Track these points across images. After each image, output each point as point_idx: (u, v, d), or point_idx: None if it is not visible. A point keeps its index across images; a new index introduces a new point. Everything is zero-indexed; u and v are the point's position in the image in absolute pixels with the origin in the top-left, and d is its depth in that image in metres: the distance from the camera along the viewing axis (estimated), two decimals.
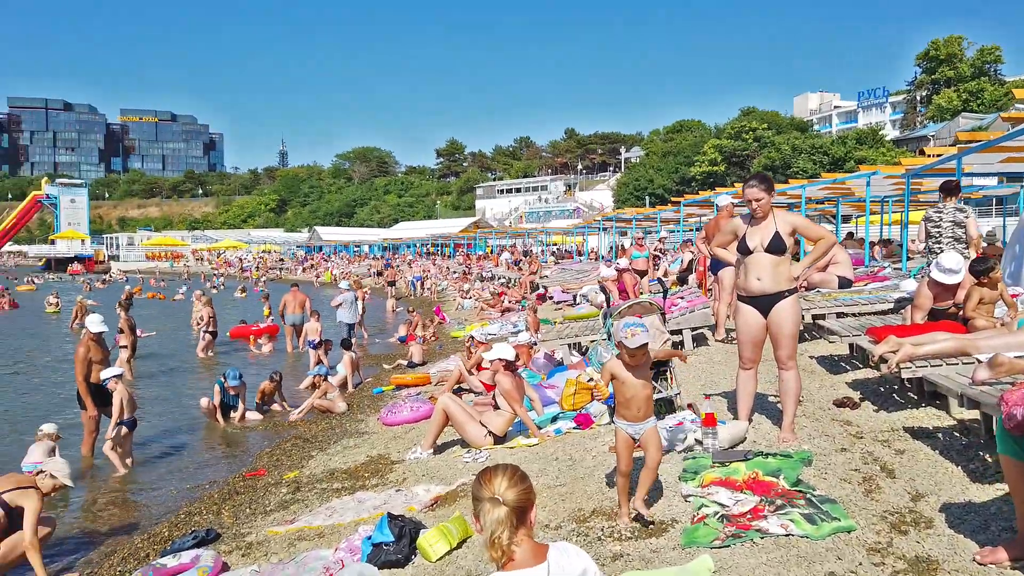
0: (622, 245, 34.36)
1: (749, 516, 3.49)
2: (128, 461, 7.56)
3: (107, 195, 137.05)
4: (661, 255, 19.33)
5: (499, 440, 6.22)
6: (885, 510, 3.51)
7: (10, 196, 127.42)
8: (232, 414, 9.51)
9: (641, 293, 12.65)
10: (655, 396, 5.40)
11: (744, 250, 4.70)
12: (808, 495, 3.64)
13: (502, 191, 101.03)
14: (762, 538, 3.28)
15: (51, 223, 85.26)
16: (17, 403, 10.94)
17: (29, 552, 4.85)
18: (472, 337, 9.65)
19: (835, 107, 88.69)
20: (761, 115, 73.09)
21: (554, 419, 6.48)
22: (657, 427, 3.86)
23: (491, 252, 47.10)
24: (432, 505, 4.94)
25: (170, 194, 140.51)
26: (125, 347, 12.59)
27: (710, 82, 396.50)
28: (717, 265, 8.72)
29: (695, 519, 3.59)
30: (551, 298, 20.68)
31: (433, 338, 16.74)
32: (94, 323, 8.29)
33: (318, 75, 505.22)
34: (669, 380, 5.48)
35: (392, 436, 7.74)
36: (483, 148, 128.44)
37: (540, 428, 6.25)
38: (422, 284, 35.67)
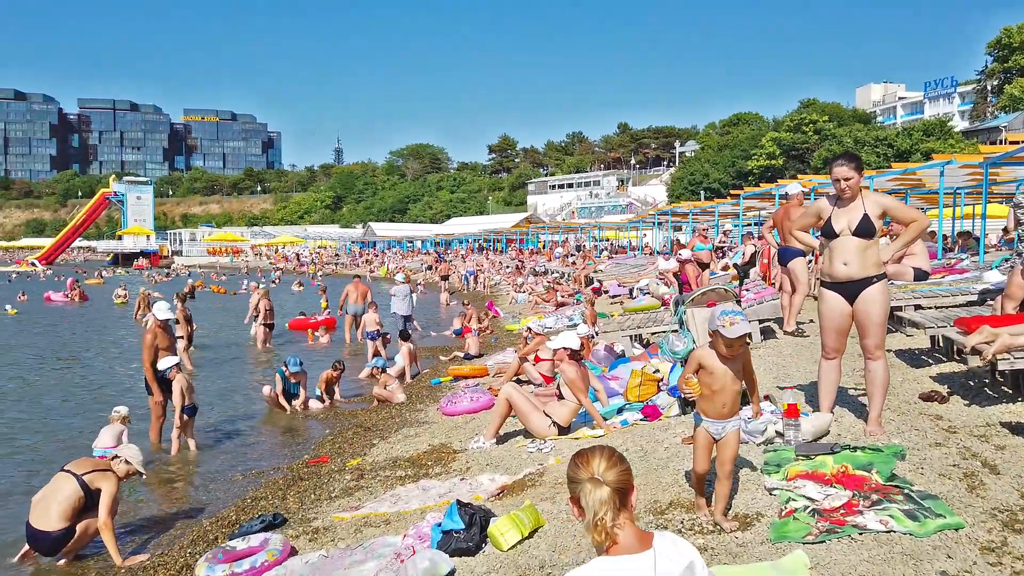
0: (677, 240, 33.84)
1: (843, 511, 3.28)
2: (192, 443, 7.70)
3: (170, 192, 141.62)
4: (726, 248, 18.88)
5: (563, 431, 6.08)
6: (994, 507, 3.26)
7: (80, 194, 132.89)
8: (294, 402, 9.59)
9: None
10: None
11: (829, 233, 4.45)
12: (906, 491, 3.40)
13: (554, 187, 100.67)
14: (860, 534, 3.07)
15: (118, 219, 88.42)
16: (86, 390, 11.27)
17: (103, 532, 4.94)
18: (529, 328, 9.53)
19: (900, 98, 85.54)
20: (822, 107, 71.05)
21: (620, 410, 6.31)
22: (740, 429, 3.63)
23: (543, 247, 46.98)
24: (499, 494, 4.84)
25: (230, 191, 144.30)
26: (181, 337, 12.85)
27: (768, 74, 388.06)
28: (786, 256, 8.39)
29: (783, 513, 3.39)
30: (606, 292, 20.50)
31: (488, 331, 16.71)
32: (161, 310, 8.44)
33: (372, 74, 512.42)
34: None
35: (453, 426, 7.69)
36: (535, 144, 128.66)
37: (605, 419, 6.09)
38: (475, 278, 35.76)
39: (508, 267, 37.98)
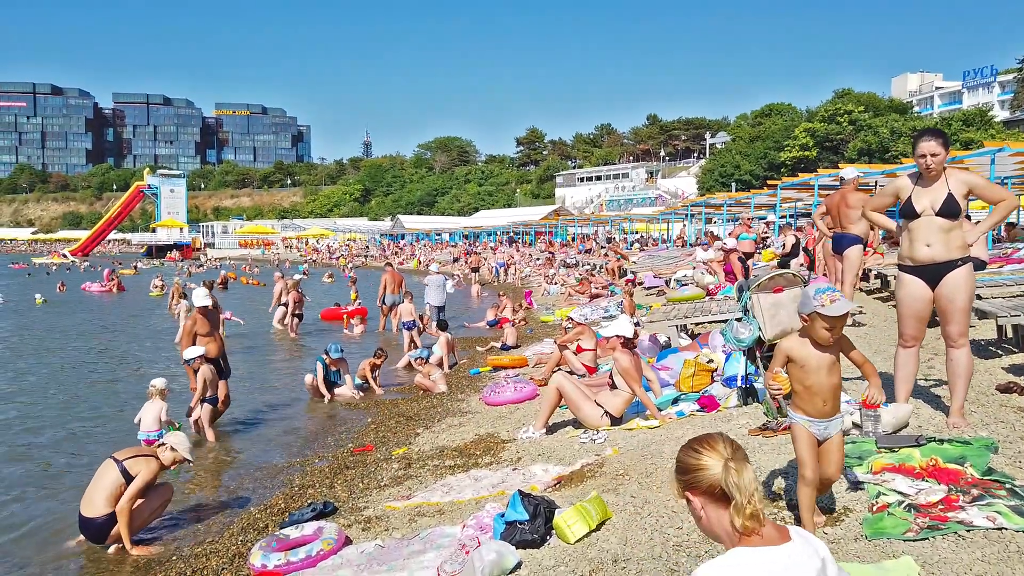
0: (711, 231, 33.35)
1: (942, 507, 3.06)
2: (211, 434, 7.63)
3: (202, 186, 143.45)
4: (768, 239, 18.53)
5: (615, 421, 5.90)
6: None
7: (115, 187, 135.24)
8: (336, 391, 9.53)
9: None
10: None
11: (910, 213, 4.20)
12: (1008, 485, 3.17)
13: (582, 179, 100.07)
14: (967, 531, 2.86)
15: (152, 212, 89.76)
16: (129, 378, 11.32)
17: (118, 515, 4.84)
18: (570, 318, 9.35)
19: (937, 88, 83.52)
20: (857, 96, 69.57)
21: (675, 401, 6.11)
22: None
23: (572, 240, 46.66)
24: (556, 485, 4.68)
25: (260, 184, 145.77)
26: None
27: (801, 64, 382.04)
28: (842, 243, 8.11)
29: (874, 508, 3.19)
30: (641, 283, 20.27)
31: (523, 323, 16.57)
32: (199, 297, 8.36)
33: (401, 67, 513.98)
34: None
35: (497, 416, 7.55)
36: (563, 136, 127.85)
37: (660, 410, 5.89)
38: (505, 270, 35.64)
39: (538, 259, 37.82)
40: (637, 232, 46.75)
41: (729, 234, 17.30)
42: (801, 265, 13.42)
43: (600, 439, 5.53)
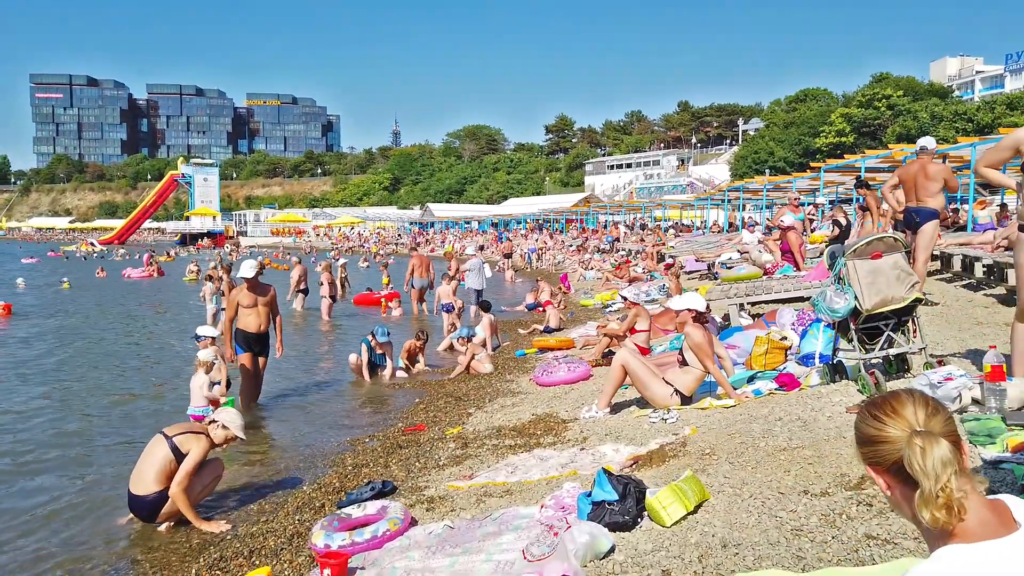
0: (750, 216, 32.64)
1: None
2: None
3: (234, 175, 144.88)
4: (815, 221, 17.96)
5: (685, 400, 5.56)
6: None
7: (149, 177, 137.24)
8: (380, 372, 9.30)
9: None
10: (892, 350, 4.59)
11: None
12: None
13: (612, 167, 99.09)
14: None
15: (186, 201, 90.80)
16: (176, 358, 11.23)
17: (175, 499, 4.64)
18: (624, 298, 8.97)
19: (977, 72, 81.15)
20: (895, 81, 67.80)
21: (750, 379, 5.74)
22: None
23: (604, 227, 46.16)
24: (631, 465, 4.36)
25: (291, 174, 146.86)
26: (223, 310, 12.73)
27: (836, 48, 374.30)
28: (916, 217, 7.63)
29: None
30: (682, 267, 19.91)
31: (562, 306, 16.27)
32: (246, 268, 8.10)
33: (429, 56, 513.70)
34: (911, 333, 4.61)
35: (552, 396, 7.24)
36: (593, 123, 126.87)
37: (735, 388, 5.53)
38: (538, 256, 35.31)
39: (571, 245, 37.43)
40: (670, 219, 46.08)
41: (758, 222, 16.72)
42: None
43: (672, 419, 5.18)
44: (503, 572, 3.13)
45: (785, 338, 6.25)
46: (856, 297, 4.38)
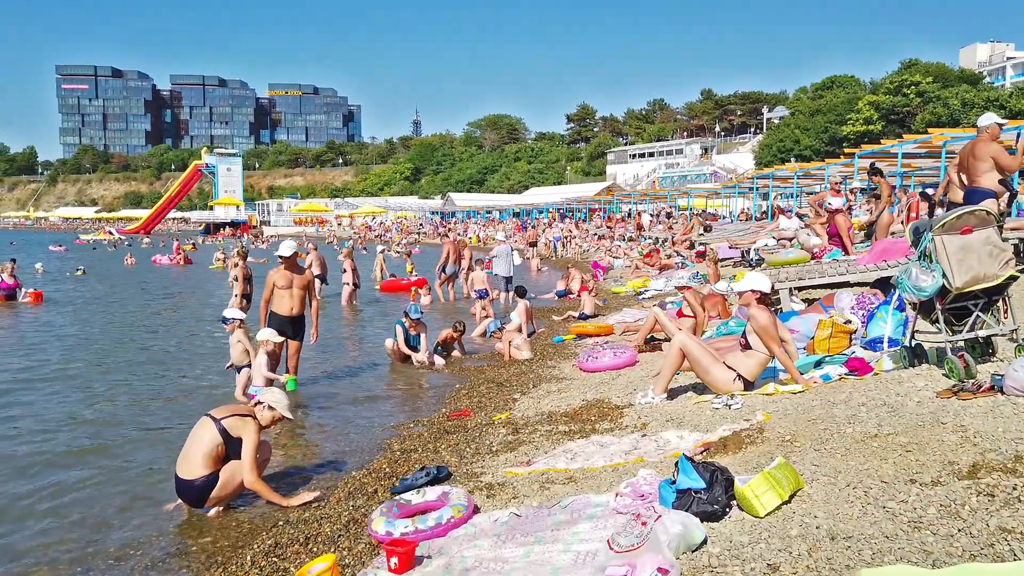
0: (778, 206, 32.10)
1: None
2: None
3: (257, 165, 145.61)
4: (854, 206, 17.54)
5: (748, 385, 5.31)
6: None
7: (173, 167, 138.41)
8: (415, 355, 9.13)
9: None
10: (980, 332, 4.31)
11: None
12: None
13: (634, 156, 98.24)
14: None
15: (209, 191, 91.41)
16: (209, 339, 11.16)
17: (255, 488, 4.54)
18: (682, 287, 8.72)
19: (1008, 58, 79.27)
20: (925, 67, 66.39)
21: (818, 364, 5.47)
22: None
23: (628, 216, 45.75)
24: (702, 452, 4.13)
25: (313, 164, 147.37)
26: (236, 296, 12.69)
27: (863, 35, 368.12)
28: (974, 198, 7.29)
29: None
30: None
31: (593, 294, 16.05)
32: (284, 247, 7.92)
33: (449, 45, 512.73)
34: (1001, 313, 4.32)
35: (598, 381, 7.02)
36: (614, 112, 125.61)
37: (801, 373, 5.27)
38: (563, 244, 35.03)
39: (595, 234, 37.11)
40: (695, 208, 45.55)
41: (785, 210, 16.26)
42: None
43: (736, 404, 4.94)
44: (585, 563, 2.92)
45: (849, 321, 5.97)
46: (944, 275, 4.10)
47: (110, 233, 61.47)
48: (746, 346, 5.31)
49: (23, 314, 14.48)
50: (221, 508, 4.55)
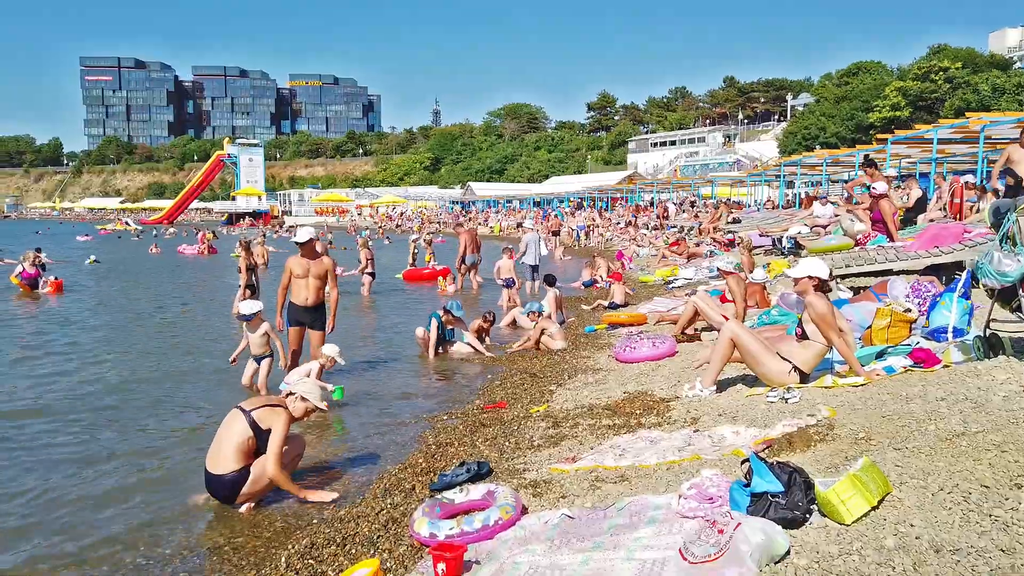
0: (807, 193, 31.48)
1: None
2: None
3: (278, 156, 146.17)
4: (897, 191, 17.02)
5: (804, 377, 5.01)
6: None
7: (195, 158, 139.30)
8: (447, 348, 8.91)
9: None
10: None
11: None
12: None
13: (656, 144, 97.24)
14: None
15: (231, 182, 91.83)
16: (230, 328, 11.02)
17: (276, 481, 4.33)
18: (719, 268, 8.38)
19: None
20: (953, 53, 64.88)
21: (879, 355, 5.16)
22: None
23: (651, 205, 45.25)
24: (764, 450, 3.85)
25: (333, 154, 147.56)
26: (241, 286, 12.54)
27: (890, 20, 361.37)
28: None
29: None
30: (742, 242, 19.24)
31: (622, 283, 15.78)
32: (300, 233, 7.55)
33: (469, 33, 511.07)
34: None
35: (638, 372, 6.75)
36: (636, 100, 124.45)
37: (862, 365, 4.96)
38: (586, 233, 34.68)
39: (618, 223, 36.71)
40: (719, 197, 44.94)
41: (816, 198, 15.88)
42: (945, 216, 12.09)
43: (794, 398, 4.65)
44: (653, 574, 2.66)
45: (909, 310, 5.64)
46: None
47: (127, 224, 61.88)
48: (802, 336, 5.00)
49: (44, 303, 14.45)
50: (252, 504, 4.35)
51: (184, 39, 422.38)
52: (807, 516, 2.82)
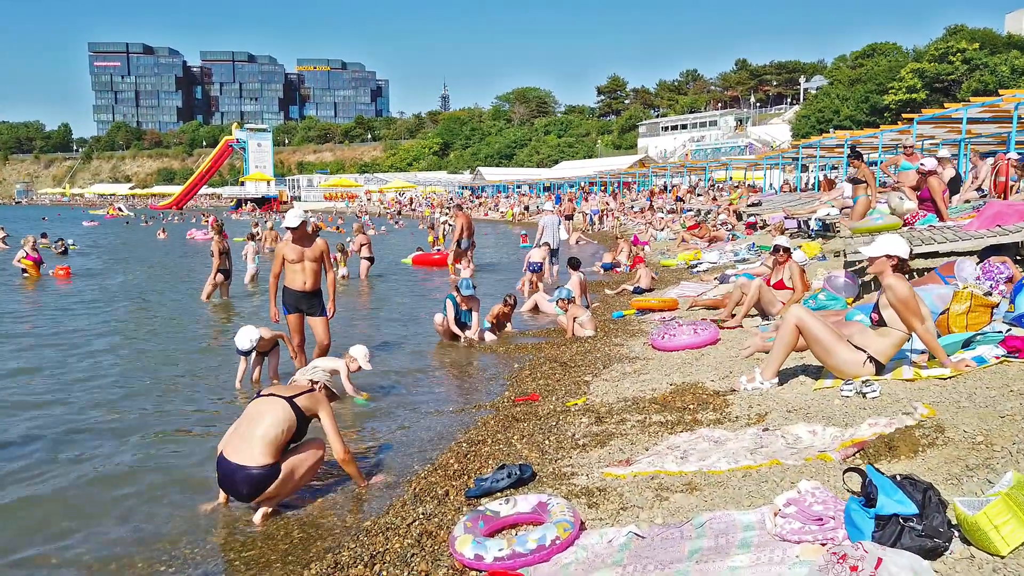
0: (826, 176, 30.72)
1: None
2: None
3: (286, 141, 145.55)
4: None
5: (879, 368, 4.47)
6: None
7: (204, 143, 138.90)
8: (467, 332, 8.41)
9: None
10: None
11: None
12: None
13: (666, 128, 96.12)
14: None
15: (240, 168, 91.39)
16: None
17: (347, 466, 4.14)
18: (777, 248, 7.75)
19: None
20: (971, 33, 63.57)
21: (966, 343, 4.62)
22: None
23: (665, 190, 44.59)
24: (854, 454, 3.33)
25: (342, 139, 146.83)
26: (212, 272, 12.12)
27: (904, 1, 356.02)
28: None
29: None
30: (765, 225, 18.71)
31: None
32: (290, 217, 6.92)
33: (477, 17, 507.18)
34: None
35: (681, 361, 6.22)
36: (646, 84, 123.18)
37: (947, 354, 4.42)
38: (600, 218, 34.07)
39: (632, 206, 36.09)
40: (733, 180, 44.18)
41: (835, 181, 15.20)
42: (983, 196, 11.47)
43: (873, 392, 4.12)
44: None
45: (989, 293, 5.10)
46: None
47: (119, 210, 61.50)
48: (879, 322, 4.46)
49: (47, 288, 14.05)
50: (268, 511, 3.87)
51: (192, 24, 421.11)
52: (948, 544, 2.30)
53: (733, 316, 7.55)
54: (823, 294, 7.29)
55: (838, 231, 13.73)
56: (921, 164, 9.20)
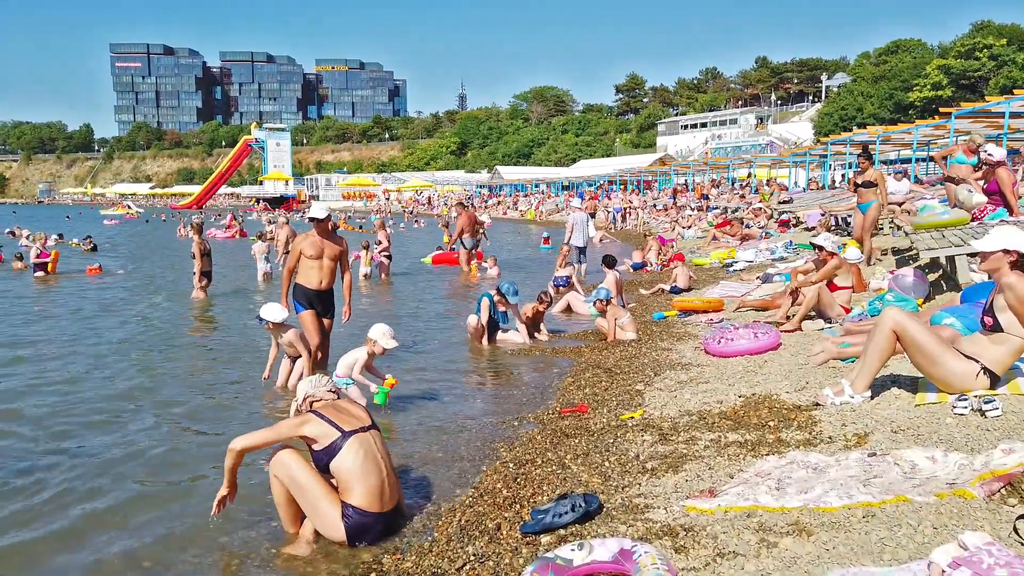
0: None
1: None
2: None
3: (304, 141, 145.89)
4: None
5: (994, 381, 3.86)
6: None
7: (223, 143, 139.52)
8: (512, 336, 7.85)
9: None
10: None
11: None
12: None
13: (686, 126, 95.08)
14: None
15: (259, 167, 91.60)
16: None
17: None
18: (820, 247, 7.16)
19: None
20: (998, 29, 62.18)
21: None
22: None
23: (686, 188, 43.85)
24: (998, 491, 2.74)
25: (360, 139, 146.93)
26: (195, 273, 11.75)
27: None
28: None
29: None
30: (800, 223, 18.11)
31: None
32: (317, 209, 6.62)
33: (495, 16, 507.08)
34: None
35: (742, 369, 5.62)
36: (665, 82, 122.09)
37: None
38: (623, 216, 33.45)
39: (654, 204, 35.42)
40: (757, 178, 43.32)
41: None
42: None
43: (994, 409, 3.51)
44: None
45: None
46: None
47: (128, 207, 61.79)
48: (993, 327, 3.85)
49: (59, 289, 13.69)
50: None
51: (212, 25, 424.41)
52: None
53: (788, 319, 6.95)
54: (891, 294, 6.67)
55: (880, 228, 13.02)
56: (988, 154, 8.51)
